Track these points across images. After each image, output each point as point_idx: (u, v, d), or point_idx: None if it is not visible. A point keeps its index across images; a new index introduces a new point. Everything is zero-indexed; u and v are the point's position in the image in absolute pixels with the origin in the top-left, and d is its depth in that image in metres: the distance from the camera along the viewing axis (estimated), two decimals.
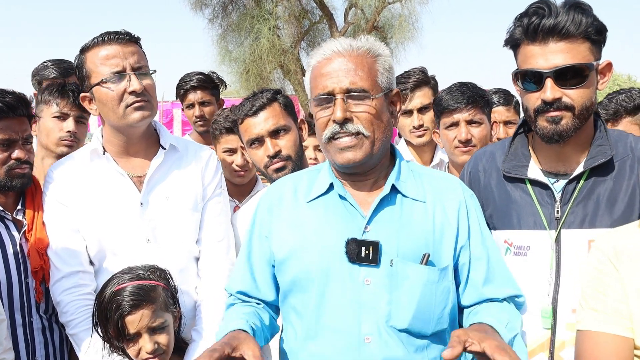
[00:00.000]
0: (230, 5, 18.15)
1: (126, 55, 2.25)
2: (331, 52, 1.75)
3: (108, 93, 2.25)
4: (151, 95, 2.31)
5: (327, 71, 1.74)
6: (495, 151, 2.04)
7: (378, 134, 1.74)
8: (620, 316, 1.54)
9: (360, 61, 1.73)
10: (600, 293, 1.58)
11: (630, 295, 1.53)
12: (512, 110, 3.42)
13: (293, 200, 1.86)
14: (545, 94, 1.74)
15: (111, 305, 2.02)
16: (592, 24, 1.72)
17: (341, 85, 1.71)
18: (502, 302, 1.80)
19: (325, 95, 1.73)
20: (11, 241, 2.36)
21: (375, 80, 1.74)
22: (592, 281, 1.61)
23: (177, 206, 2.36)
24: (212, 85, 3.90)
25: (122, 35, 2.27)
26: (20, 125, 2.37)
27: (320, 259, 1.74)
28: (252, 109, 2.42)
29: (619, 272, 1.55)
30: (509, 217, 1.91)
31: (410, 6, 17.68)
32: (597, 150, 1.82)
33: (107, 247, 2.32)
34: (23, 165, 2.37)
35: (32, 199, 2.44)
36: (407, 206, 1.77)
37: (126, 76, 2.24)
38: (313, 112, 1.81)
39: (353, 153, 1.72)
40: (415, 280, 1.70)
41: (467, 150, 2.68)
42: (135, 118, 2.27)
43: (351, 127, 1.71)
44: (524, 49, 1.79)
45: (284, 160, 2.39)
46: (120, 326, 2.00)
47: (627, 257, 1.56)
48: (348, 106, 1.71)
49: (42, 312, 2.43)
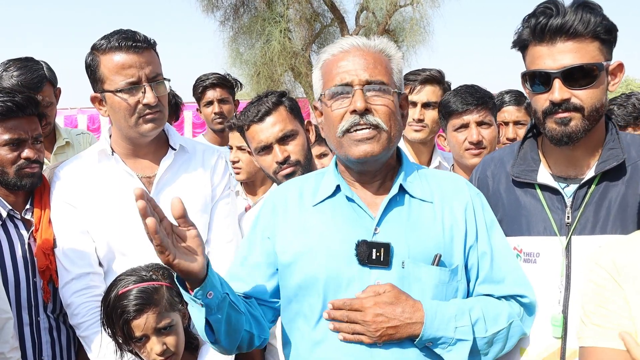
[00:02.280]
0: (241, 8, 18.23)
1: (142, 65, 2.22)
2: (349, 46, 1.74)
3: (121, 103, 2.23)
4: (163, 105, 2.30)
5: (345, 63, 1.72)
6: (503, 156, 2.01)
7: (394, 130, 1.73)
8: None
9: (378, 57, 1.74)
10: (602, 308, 1.54)
11: (636, 316, 1.50)
12: (523, 111, 3.38)
13: (299, 203, 1.83)
14: (553, 95, 1.71)
15: (116, 310, 2.01)
16: (601, 23, 1.68)
17: (360, 77, 1.69)
18: (497, 299, 1.78)
19: (343, 85, 1.71)
20: (20, 240, 2.38)
21: (392, 77, 1.75)
22: (594, 297, 1.57)
23: (186, 207, 2.34)
24: (229, 84, 3.94)
25: (140, 42, 2.23)
26: (29, 124, 2.38)
27: (329, 262, 1.71)
28: (258, 114, 2.39)
29: (623, 289, 1.52)
30: (519, 223, 1.87)
31: (422, 9, 17.66)
32: (608, 153, 1.78)
33: (116, 248, 2.32)
34: (33, 165, 2.38)
35: (40, 198, 2.45)
36: (415, 207, 1.76)
37: (141, 88, 2.22)
38: (325, 106, 1.76)
39: (371, 146, 1.68)
40: (427, 282, 1.69)
41: (478, 153, 2.66)
42: (146, 129, 2.27)
43: (371, 118, 1.68)
44: (532, 50, 1.76)
45: (293, 166, 2.37)
46: (127, 330, 2.00)
47: (628, 273, 1.52)
48: (367, 98, 1.69)
49: (49, 312, 2.43)
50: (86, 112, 13.87)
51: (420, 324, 1.63)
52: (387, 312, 1.63)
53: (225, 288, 1.66)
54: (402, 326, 1.63)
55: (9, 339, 2.11)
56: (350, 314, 1.65)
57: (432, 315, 1.64)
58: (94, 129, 12.04)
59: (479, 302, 1.74)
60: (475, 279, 1.78)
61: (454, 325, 1.66)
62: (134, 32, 2.27)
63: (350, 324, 1.65)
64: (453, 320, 1.66)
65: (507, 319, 1.74)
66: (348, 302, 1.66)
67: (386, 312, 1.62)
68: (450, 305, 1.69)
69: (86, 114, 13.90)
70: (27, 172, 2.37)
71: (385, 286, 1.66)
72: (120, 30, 2.28)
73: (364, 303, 1.64)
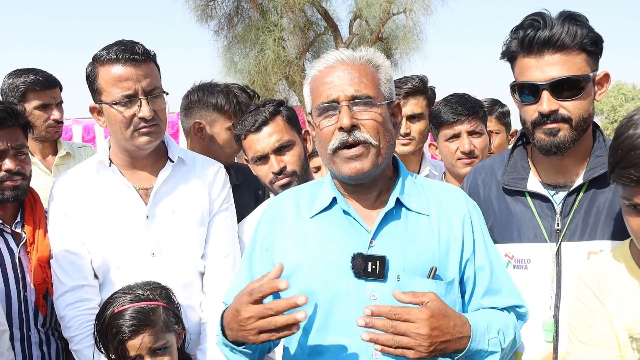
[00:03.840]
0: (235, 17, 18.29)
1: (139, 78, 2.21)
2: (334, 61, 1.73)
3: (117, 115, 2.22)
4: (161, 119, 2.29)
5: (331, 79, 1.70)
6: (494, 164, 2.04)
7: (384, 143, 1.71)
8: (607, 346, 1.54)
9: (364, 70, 1.72)
10: (587, 325, 1.59)
11: (617, 330, 1.53)
12: (494, 120, 3.39)
13: (295, 215, 1.84)
14: (541, 107, 1.74)
15: (111, 328, 1.98)
16: (588, 35, 1.72)
17: (346, 92, 1.68)
18: (500, 310, 1.79)
19: (329, 103, 1.71)
20: (10, 255, 2.34)
21: (379, 89, 1.73)
22: (579, 314, 1.62)
23: (183, 220, 2.34)
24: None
25: (138, 55, 2.21)
26: (9, 136, 2.32)
27: (325, 275, 1.71)
28: (255, 124, 2.38)
29: (605, 305, 1.56)
30: (510, 230, 1.91)
31: (415, 17, 17.76)
32: (596, 161, 1.82)
33: (111, 260, 2.30)
34: (15, 177, 2.32)
35: (32, 212, 2.41)
36: (411, 220, 1.76)
37: (137, 101, 2.21)
38: (315, 123, 1.77)
39: (361, 163, 1.68)
40: None
41: (470, 162, 2.68)
42: (142, 142, 2.26)
43: (359, 134, 1.67)
44: (520, 62, 1.79)
45: (289, 176, 2.37)
46: (121, 350, 1.96)
47: (609, 289, 1.56)
48: (354, 114, 1.68)
49: (39, 326, 2.40)
50: (81, 123, 13.83)
51: (468, 337, 1.59)
52: (443, 325, 1.54)
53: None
54: (452, 340, 1.56)
55: (4, 351, 2.07)
56: (400, 325, 1.50)
57: (475, 328, 1.62)
58: (89, 139, 11.99)
59: (494, 314, 1.75)
60: (471, 292, 1.79)
61: (488, 338, 1.65)
62: (134, 43, 2.26)
63: (396, 335, 1.50)
64: (486, 332, 1.65)
65: (514, 329, 1.76)
66: (396, 311, 1.51)
67: (442, 326, 1.54)
68: (480, 317, 1.69)
69: (81, 124, 13.86)
70: (8, 185, 2.31)
71: (429, 294, 1.58)
72: (121, 41, 2.27)
73: (419, 314, 1.51)
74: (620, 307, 1.53)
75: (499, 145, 3.32)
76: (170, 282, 2.18)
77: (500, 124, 3.42)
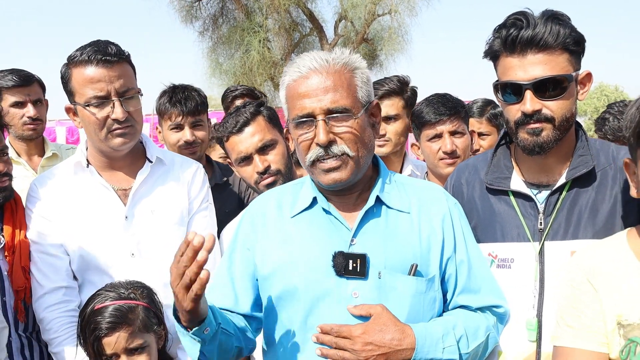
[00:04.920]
0: (220, 18, 18.26)
1: (112, 79, 2.19)
2: (307, 70, 1.68)
3: (90, 117, 2.21)
4: (135, 120, 2.27)
5: (305, 90, 1.67)
6: (477, 163, 2.04)
7: (362, 152, 1.72)
8: (595, 332, 1.55)
9: (339, 77, 1.68)
10: (576, 309, 1.58)
11: (608, 320, 1.53)
12: (485, 122, 3.38)
13: (277, 215, 1.84)
14: (524, 106, 1.74)
15: (89, 325, 1.99)
16: (570, 34, 1.72)
17: (321, 105, 1.66)
18: (474, 311, 1.80)
19: (305, 117, 1.68)
20: None
21: (356, 97, 1.70)
22: (569, 298, 1.61)
23: (162, 220, 2.34)
24: (256, 96, 4.03)
25: (110, 56, 2.19)
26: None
27: (307, 274, 1.72)
28: (237, 125, 2.39)
29: (597, 291, 1.55)
30: (493, 229, 1.90)
31: (400, 18, 17.88)
32: (578, 160, 1.83)
33: (90, 261, 2.29)
34: (2, 178, 2.31)
35: (12, 215, 2.38)
36: (392, 217, 1.76)
37: (110, 102, 2.19)
38: (293, 135, 1.76)
39: (339, 174, 1.70)
40: (404, 292, 1.70)
41: (452, 162, 2.68)
42: (116, 143, 2.25)
43: (336, 149, 1.67)
44: (503, 61, 1.79)
45: (274, 175, 2.37)
46: (97, 347, 1.97)
47: (604, 276, 1.56)
48: (330, 127, 1.67)
49: (21, 331, 2.36)
50: (65, 124, 13.66)
51: (411, 349, 1.62)
52: (377, 339, 1.61)
53: (218, 317, 1.67)
54: (392, 353, 1.61)
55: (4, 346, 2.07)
56: (339, 341, 1.62)
57: (422, 340, 1.64)
58: (73, 141, 11.87)
59: (459, 318, 1.76)
60: (454, 289, 1.80)
61: (442, 346, 1.66)
62: (108, 44, 2.23)
63: (339, 350, 1.62)
64: (441, 341, 1.67)
65: (485, 332, 1.76)
66: (336, 328, 1.63)
67: (375, 340, 1.61)
68: (437, 326, 1.70)
69: (65, 126, 13.69)
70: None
71: (375, 307, 1.65)
72: (95, 42, 2.26)
73: (352, 331, 1.62)
74: (613, 294, 1.53)
75: (489, 147, 3.29)
76: (151, 282, 2.17)
77: (492, 125, 3.39)
